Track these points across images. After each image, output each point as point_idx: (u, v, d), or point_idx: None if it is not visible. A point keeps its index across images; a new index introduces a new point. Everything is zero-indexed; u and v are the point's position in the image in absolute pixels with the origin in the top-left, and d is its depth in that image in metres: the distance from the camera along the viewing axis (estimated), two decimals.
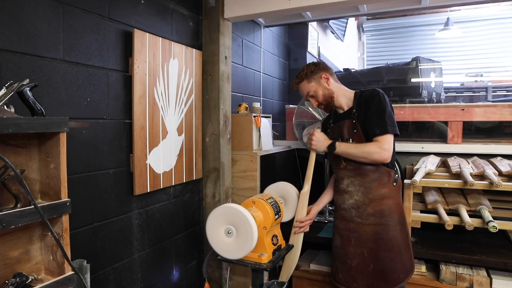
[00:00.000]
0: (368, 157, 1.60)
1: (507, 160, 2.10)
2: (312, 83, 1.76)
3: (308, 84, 1.77)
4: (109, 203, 1.61)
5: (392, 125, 1.61)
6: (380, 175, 1.66)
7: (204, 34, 2.23)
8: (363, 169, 1.67)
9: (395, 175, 1.68)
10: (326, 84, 1.75)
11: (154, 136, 1.81)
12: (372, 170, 1.66)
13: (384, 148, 1.57)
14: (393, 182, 1.67)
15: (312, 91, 1.77)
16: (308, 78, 1.76)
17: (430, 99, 3.04)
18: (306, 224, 1.85)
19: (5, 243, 1.06)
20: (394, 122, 1.63)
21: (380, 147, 1.58)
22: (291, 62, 3.63)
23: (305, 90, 1.79)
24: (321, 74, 1.75)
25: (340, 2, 2.01)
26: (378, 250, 1.65)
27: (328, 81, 1.75)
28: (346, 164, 1.72)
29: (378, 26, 6.10)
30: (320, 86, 1.75)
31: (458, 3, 2.30)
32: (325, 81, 1.75)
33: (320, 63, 1.82)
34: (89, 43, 1.49)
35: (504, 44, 5.20)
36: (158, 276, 1.93)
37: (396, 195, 1.69)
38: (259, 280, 1.69)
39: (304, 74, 1.78)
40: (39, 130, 1.01)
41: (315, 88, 1.76)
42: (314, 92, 1.76)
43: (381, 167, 1.65)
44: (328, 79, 1.75)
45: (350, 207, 1.71)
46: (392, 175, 1.67)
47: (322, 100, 1.77)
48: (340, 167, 1.75)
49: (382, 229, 1.65)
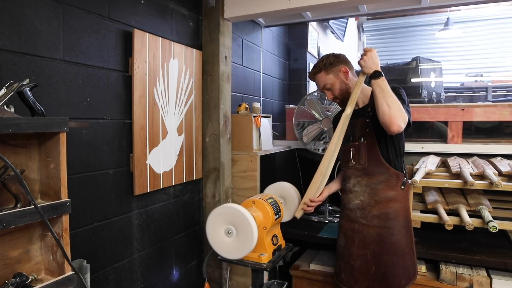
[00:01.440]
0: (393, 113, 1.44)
1: (507, 160, 2.10)
2: (330, 75, 1.71)
3: (326, 75, 1.71)
4: (109, 203, 1.61)
5: (409, 113, 1.53)
6: (388, 177, 1.62)
7: (204, 34, 2.23)
8: (372, 169, 1.63)
9: (404, 178, 1.64)
10: (344, 78, 1.70)
11: (154, 136, 1.81)
12: (380, 172, 1.62)
13: (405, 120, 1.47)
14: (401, 185, 1.63)
15: (329, 83, 1.71)
16: (327, 69, 1.71)
17: (430, 99, 3.04)
18: (314, 205, 1.79)
19: (5, 243, 1.06)
20: (410, 112, 1.56)
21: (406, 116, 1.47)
22: (291, 62, 3.63)
23: (322, 82, 1.74)
24: (340, 67, 1.70)
25: (340, 2, 2.01)
26: (381, 253, 1.62)
27: (346, 75, 1.70)
28: (355, 163, 1.68)
29: (378, 26, 6.10)
30: (338, 79, 1.70)
31: (458, 3, 2.30)
32: (344, 75, 1.70)
33: (341, 55, 1.75)
34: (89, 43, 1.49)
35: (504, 44, 5.19)
36: (158, 276, 1.93)
37: (403, 199, 1.65)
38: (259, 280, 1.69)
39: (323, 64, 1.72)
40: (39, 130, 1.01)
41: (333, 81, 1.71)
42: (331, 84, 1.71)
43: (390, 168, 1.62)
44: (347, 73, 1.70)
45: (355, 207, 1.69)
46: (401, 178, 1.63)
47: (338, 94, 1.72)
48: (349, 165, 1.71)
49: (387, 232, 1.62)
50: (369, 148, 1.64)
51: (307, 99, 2.48)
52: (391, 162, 1.62)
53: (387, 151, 1.63)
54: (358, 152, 1.66)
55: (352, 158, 1.68)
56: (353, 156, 1.68)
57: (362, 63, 1.59)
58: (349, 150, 1.70)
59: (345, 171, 1.76)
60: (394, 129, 1.45)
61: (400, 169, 1.65)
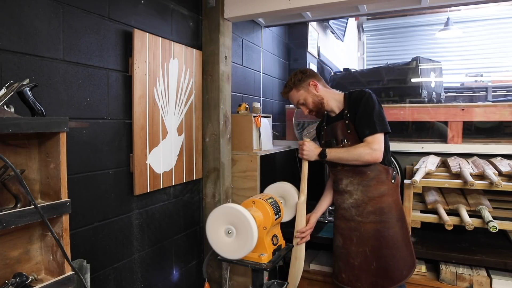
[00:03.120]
0: (360, 159, 1.61)
1: (507, 160, 2.10)
2: (301, 91, 1.79)
3: (297, 92, 1.80)
4: (109, 203, 1.61)
5: (382, 124, 1.61)
6: (378, 173, 1.67)
7: (204, 34, 2.23)
8: (361, 168, 1.68)
9: (393, 172, 1.69)
10: (315, 91, 1.78)
11: (154, 136, 1.81)
12: (370, 169, 1.67)
13: (374, 148, 1.58)
14: (391, 179, 1.68)
15: (302, 99, 1.80)
16: (297, 86, 1.79)
17: (430, 99, 3.04)
18: (307, 234, 1.86)
19: (5, 243, 1.06)
20: (383, 120, 1.63)
21: (370, 147, 1.58)
22: (291, 62, 3.63)
23: (295, 99, 1.82)
24: (309, 82, 1.78)
25: (340, 2, 2.01)
26: (380, 248, 1.66)
27: (316, 87, 1.78)
28: (343, 165, 1.73)
29: (378, 26, 6.10)
30: (309, 93, 1.78)
31: (458, 3, 2.30)
32: (314, 88, 1.78)
33: (307, 70, 1.84)
34: (89, 43, 1.49)
35: (504, 44, 5.20)
36: (158, 276, 1.93)
37: (394, 192, 1.71)
38: (259, 280, 1.69)
39: (292, 83, 1.80)
40: (39, 130, 1.01)
41: (305, 96, 1.79)
42: (304, 100, 1.79)
43: (378, 165, 1.66)
44: (316, 85, 1.78)
45: (350, 206, 1.73)
46: (390, 172, 1.69)
47: (313, 107, 1.80)
48: (337, 168, 1.76)
49: (383, 227, 1.66)
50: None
51: None
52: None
53: None
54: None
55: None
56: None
57: (305, 157, 1.77)
58: None
59: (336, 174, 1.80)
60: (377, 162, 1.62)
61: (389, 163, 1.71)
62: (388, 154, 1.73)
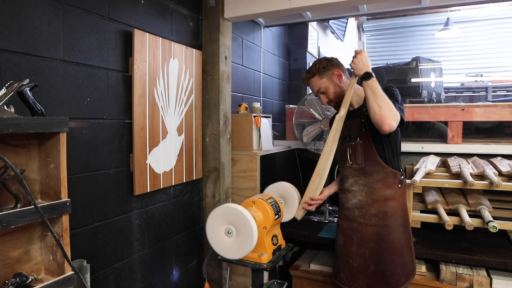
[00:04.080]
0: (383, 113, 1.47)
1: (507, 160, 2.10)
2: (324, 79, 1.73)
3: (320, 80, 1.74)
4: (109, 203, 1.61)
5: (401, 111, 1.55)
6: (385, 175, 1.63)
7: (204, 34, 2.23)
8: (369, 168, 1.65)
9: (401, 177, 1.65)
10: (338, 81, 1.73)
11: (154, 136, 1.81)
12: (377, 171, 1.64)
13: (397, 117, 1.49)
14: (398, 184, 1.64)
15: (323, 87, 1.74)
16: (320, 73, 1.73)
17: (430, 99, 3.04)
18: (316, 204, 1.80)
19: (5, 243, 1.06)
20: (403, 110, 1.57)
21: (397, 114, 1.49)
22: (291, 62, 3.63)
23: (316, 86, 1.76)
24: (334, 71, 1.73)
25: (340, 2, 2.02)
26: (380, 252, 1.63)
27: (340, 78, 1.73)
28: (352, 163, 1.69)
29: (378, 26, 6.09)
30: (331, 82, 1.73)
31: (458, 3, 2.30)
32: (337, 78, 1.73)
33: (333, 59, 1.78)
34: (89, 43, 1.49)
35: (504, 44, 5.19)
36: (158, 276, 1.93)
37: (400, 197, 1.66)
38: (259, 280, 1.69)
39: (316, 69, 1.74)
40: (39, 130, 1.01)
41: (327, 85, 1.73)
42: (325, 88, 1.74)
43: (387, 167, 1.63)
44: (341, 76, 1.73)
45: (353, 206, 1.70)
46: (398, 176, 1.64)
47: (333, 98, 1.75)
48: (345, 165, 1.73)
49: (385, 231, 1.63)
50: (365, 147, 1.66)
51: (307, 99, 2.48)
52: (388, 161, 1.64)
53: (383, 150, 1.64)
54: (354, 152, 1.68)
55: (349, 158, 1.70)
56: (349, 156, 1.70)
57: (353, 66, 1.62)
58: (346, 151, 1.72)
59: (343, 171, 1.77)
60: (386, 129, 1.48)
61: (397, 167, 1.67)
62: (397, 158, 1.68)
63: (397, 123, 1.49)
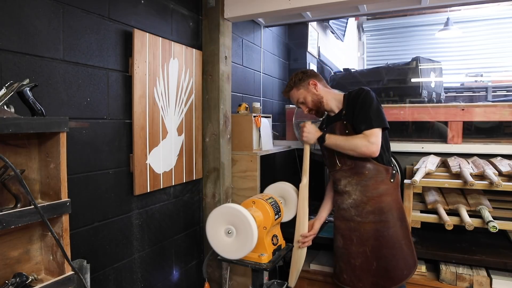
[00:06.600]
0: (356, 150, 1.61)
1: (507, 160, 2.10)
2: (301, 90, 1.82)
3: (297, 91, 1.83)
4: (109, 203, 1.61)
5: (378, 120, 1.62)
6: (376, 172, 1.68)
7: (204, 34, 2.23)
8: (359, 168, 1.68)
9: (393, 171, 1.70)
10: (314, 90, 1.80)
11: (154, 136, 1.81)
12: (368, 169, 1.68)
13: (371, 141, 1.58)
14: (390, 179, 1.69)
15: (301, 97, 1.83)
16: (297, 86, 1.83)
17: (430, 99, 3.03)
18: (309, 239, 1.85)
19: (5, 243, 1.06)
20: (381, 116, 1.64)
21: (368, 140, 1.59)
22: (291, 62, 3.63)
23: (295, 98, 1.86)
24: (309, 81, 1.81)
25: (340, 2, 2.01)
26: (380, 248, 1.66)
27: (316, 87, 1.80)
28: (341, 165, 1.73)
29: (378, 26, 6.10)
30: (309, 92, 1.81)
31: (458, 3, 2.30)
32: (313, 87, 1.81)
33: (308, 70, 1.89)
34: (89, 43, 1.49)
35: (504, 44, 5.20)
36: (158, 276, 1.93)
37: (394, 192, 1.71)
38: (259, 280, 1.69)
39: (293, 82, 1.84)
40: (39, 130, 1.01)
41: (304, 95, 1.82)
42: (303, 98, 1.82)
43: (377, 164, 1.67)
44: (316, 85, 1.81)
45: (349, 206, 1.73)
46: (390, 171, 1.69)
47: (312, 106, 1.83)
48: (336, 168, 1.77)
49: (383, 226, 1.67)
50: None
51: None
52: (378, 157, 1.66)
53: None
54: (342, 155, 1.71)
55: (338, 161, 1.74)
56: (338, 159, 1.74)
57: (305, 139, 1.77)
58: (333, 155, 1.75)
59: (334, 175, 1.80)
60: (373, 156, 1.61)
61: (388, 163, 1.71)
62: (387, 153, 1.73)
63: (378, 145, 1.59)
